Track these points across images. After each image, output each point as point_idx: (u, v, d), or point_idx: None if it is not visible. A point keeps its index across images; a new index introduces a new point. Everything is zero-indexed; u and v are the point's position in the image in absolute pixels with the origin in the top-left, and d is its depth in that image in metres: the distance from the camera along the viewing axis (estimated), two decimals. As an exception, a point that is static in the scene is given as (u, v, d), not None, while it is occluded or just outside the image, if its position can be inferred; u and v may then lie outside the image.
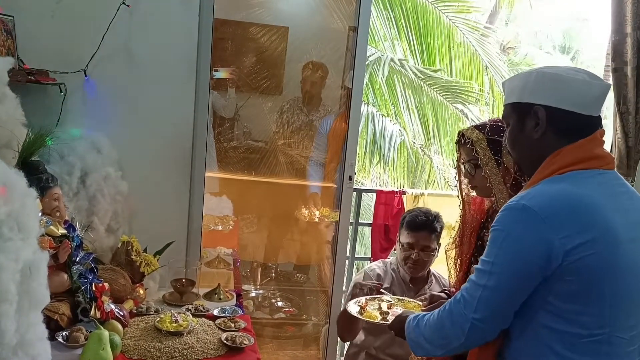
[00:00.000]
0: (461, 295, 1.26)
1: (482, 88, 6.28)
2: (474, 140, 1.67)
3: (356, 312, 1.86)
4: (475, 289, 1.23)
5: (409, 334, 1.41)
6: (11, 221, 1.17)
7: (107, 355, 1.55)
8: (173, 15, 2.29)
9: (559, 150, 1.25)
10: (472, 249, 1.79)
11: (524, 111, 1.29)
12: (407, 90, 5.89)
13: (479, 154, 1.65)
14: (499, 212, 1.24)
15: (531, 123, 1.28)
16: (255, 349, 1.82)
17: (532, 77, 1.28)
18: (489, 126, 1.68)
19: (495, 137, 1.65)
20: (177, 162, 2.41)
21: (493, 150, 1.65)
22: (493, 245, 1.22)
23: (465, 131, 1.71)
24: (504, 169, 1.64)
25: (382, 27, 5.97)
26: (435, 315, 1.32)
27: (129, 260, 2.09)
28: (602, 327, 1.17)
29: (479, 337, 1.25)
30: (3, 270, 1.12)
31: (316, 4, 3.65)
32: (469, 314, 1.22)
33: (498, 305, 1.22)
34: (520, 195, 1.22)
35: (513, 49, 9.74)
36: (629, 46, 2.36)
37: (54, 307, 1.66)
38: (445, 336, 1.29)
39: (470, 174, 1.72)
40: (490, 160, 1.65)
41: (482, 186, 1.69)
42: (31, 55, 2.13)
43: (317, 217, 3.39)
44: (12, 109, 1.75)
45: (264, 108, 3.79)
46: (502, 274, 1.20)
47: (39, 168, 1.78)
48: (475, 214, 1.82)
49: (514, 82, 1.33)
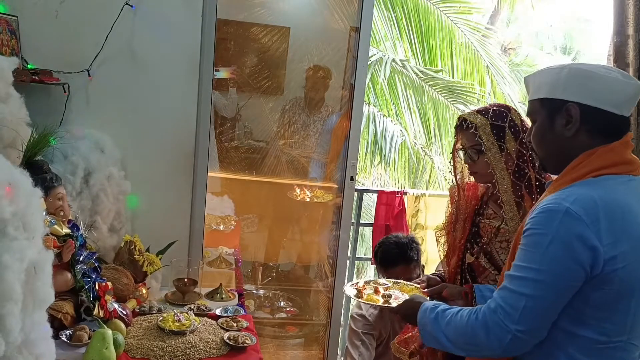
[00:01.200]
0: (497, 305, 1.19)
1: (484, 89, 6.29)
2: (478, 125, 1.63)
3: (353, 295, 1.81)
4: (518, 299, 1.15)
5: (425, 325, 1.35)
6: (17, 220, 1.17)
7: (110, 354, 1.55)
8: (176, 16, 2.29)
9: (592, 150, 1.22)
10: (467, 234, 1.77)
11: (555, 108, 1.24)
12: (409, 90, 5.89)
13: (482, 139, 1.62)
14: (534, 213, 1.19)
15: (562, 121, 1.24)
16: (257, 348, 1.83)
17: (563, 73, 1.23)
18: (492, 111, 1.66)
19: (498, 122, 1.63)
20: (180, 162, 2.42)
21: (496, 136, 1.63)
22: (535, 250, 1.15)
23: (468, 116, 1.67)
24: (507, 155, 1.62)
25: (383, 28, 5.98)
26: (464, 319, 1.25)
27: (132, 259, 2.09)
28: (621, 335, 1.17)
29: (519, 349, 1.19)
30: (8, 269, 1.12)
31: (318, 5, 3.66)
32: (510, 325, 1.15)
33: (544, 314, 1.16)
34: (558, 197, 1.17)
35: (514, 49, 9.74)
36: (631, 48, 2.36)
37: (58, 306, 1.67)
38: (476, 344, 1.22)
39: (472, 159, 1.68)
40: (494, 145, 1.62)
41: (483, 172, 1.67)
42: (35, 55, 2.14)
43: (309, 197, 3.39)
44: (17, 109, 1.75)
45: (265, 108, 3.80)
46: (550, 281, 1.14)
47: (43, 167, 1.79)
48: (470, 200, 1.80)
49: (541, 78, 1.29)
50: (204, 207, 2.50)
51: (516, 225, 1.62)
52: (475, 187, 1.83)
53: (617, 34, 2.41)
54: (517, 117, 1.67)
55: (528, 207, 1.62)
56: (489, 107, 1.68)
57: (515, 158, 1.62)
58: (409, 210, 3.53)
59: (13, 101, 1.75)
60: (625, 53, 2.38)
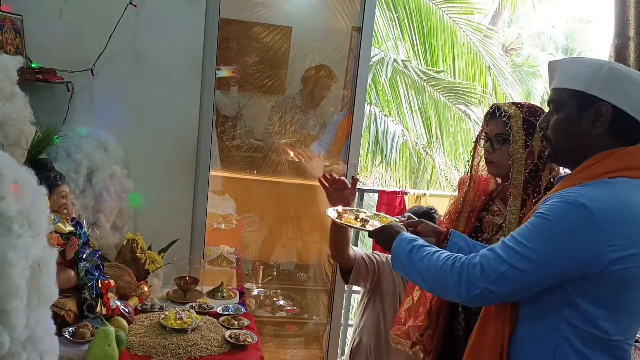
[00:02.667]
0: (479, 262, 1.23)
1: (485, 89, 6.29)
2: (512, 115, 1.65)
3: (334, 216, 1.80)
4: (500, 263, 1.20)
5: (398, 252, 1.41)
6: (21, 218, 1.18)
7: (113, 351, 1.56)
8: (179, 16, 2.30)
9: (609, 151, 1.22)
10: (470, 228, 1.78)
11: (587, 103, 1.23)
12: (410, 90, 5.90)
13: (512, 129, 1.64)
14: (550, 200, 1.20)
15: (590, 117, 1.23)
16: (258, 346, 1.83)
17: (603, 70, 1.21)
18: (527, 107, 1.67)
19: (531, 118, 1.64)
20: (182, 160, 2.43)
21: (525, 131, 1.63)
22: (538, 232, 1.18)
23: (503, 105, 1.69)
24: (530, 152, 1.63)
25: (385, 28, 5.98)
26: (439, 261, 1.30)
27: (134, 257, 2.10)
28: (619, 334, 1.19)
29: (482, 303, 1.28)
30: (14, 266, 1.13)
31: (320, 4, 3.66)
32: (482, 283, 1.21)
33: (520, 286, 1.20)
34: (577, 191, 1.18)
35: (515, 50, 9.74)
36: (632, 50, 2.37)
37: (61, 303, 1.68)
38: (445, 286, 1.29)
39: (494, 147, 1.69)
40: (521, 139, 1.63)
41: (500, 163, 1.68)
42: (39, 54, 2.15)
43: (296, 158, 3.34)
44: (21, 108, 1.76)
45: (266, 107, 3.81)
46: (541, 263, 1.17)
47: (47, 166, 1.80)
48: (480, 195, 1.81)
49: (577, 69, 1.26)
50: (205, 205, 2.52)
51: (515, 220, 1.64)
52: (487, 183, 1.83)
53: (618, 35, 2.42)
54: None
55: (530, 206, 1.63)
56: (524, 103, 1.70)
57: (536, 158, 1.63)
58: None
59: (18, 100, 1.76)
60: (626, 55, 2.39)
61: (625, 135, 1.23)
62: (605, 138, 1.23)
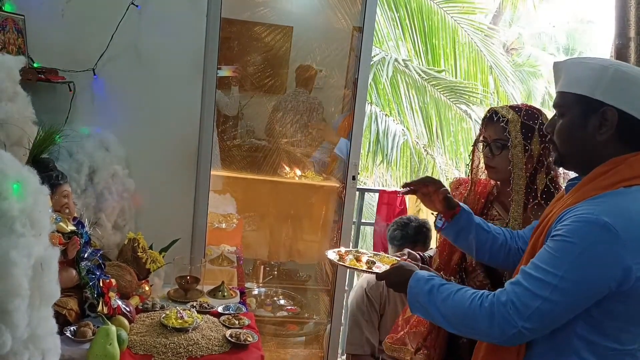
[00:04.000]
0: (509, 299, 1.16)
1: (487, 89, 6.29)
2: (510, 120, 1.63)
3: (335, 259, 1.78)
4: (533, 298, 1.14)
5: (417, 295, 1.32)
6: (24, 218, 1.19)
7: (114, 350, 1.57)
8: (181, 16, 2.31)
9: (622, 158, 1.19)
10: None
11: (592, 108, 1.19)
12: (411, 90, 5.90)
13: (511, 134, 1.62)
14: (567, 218, 1.15)
15: (596, 122, 1.19)
16: (259, 346, 1.84)
17: (608, 73, 1.17)
18: (525, 110, 1.65)
19: (530, 122, 1.63)
20: (183, 160, 2.44)
21: (524, 135, 1.62)
22: (564, 258, 1.13)
23: (500, 109, 1.67)
24: (529, 156, 1.62)
25: (386, 27, 5.99)
26: (465, 301, 1.23)
27: (135, 257, 2.11)
28: (634, 343, 1.18)
29: (519, 342, 1.20)
30: (16, 265, 1.13)
31: (321, 4, 3.67)
32: (518, 322, 1.14)
33: (556, 318, 1.15)
34: (595, 208, 1.13)
35: (516, 50, 9.74)
36: (632, 50, 2.37)
37: (63, 302, 1.68)
38: (475, 328, 1.21)
39: (493, 153, 1.67)
40: (520, 144, 1.62)
41: (500, 168, 1.67)
42: (41, 54, 2.16)
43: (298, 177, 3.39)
44: (24, 107, 1.77)
45: (267, 107, 3.82)
46: (571, 290, 1.12)
47: (49, 165, 1.81)
48: (480, 198, 1.79)
49: (581, 71, 1.22)
50: (206, 205, 2.53)
51: (518, 226, 1.62)
52: (485, 186, 1.82)
53: (619, 36, 2.42)
54: (546, 121, 1.64)
55: (530, 210, 1.64)
56: (521, 105, 1.68)
57: (535, 162, 1.62)
58: (410, 209, 3.54)
59: (20, 100, 1.77)
60: (627, 55, 2.39)
61: (632, 140, 1.19)
62: (612, 143, 1.20)
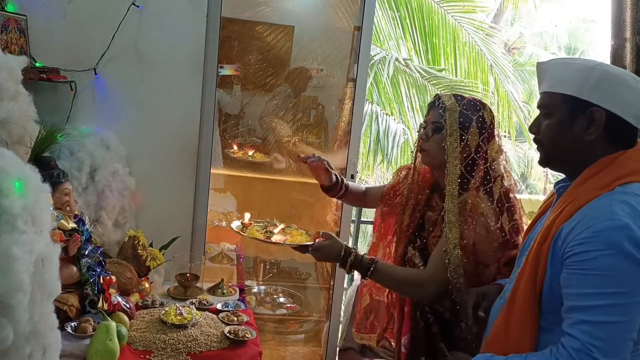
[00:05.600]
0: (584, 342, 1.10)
1: (487, 88, 6.30)
2: (447, 107, 1.66)
3: (239, 229, 1.86)
4: (605, 329, 1.09)
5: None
6: (26, 215, 1.21)
7: (114, 345, 1.59)
8: (181, 15, 2.33)
9: (612, 157, 1.19)
10: (415, 225, 1.78)
11: (579, 109, 1.20)
12: (412, 89, 5.91)
13: (446, 122, 1.64)
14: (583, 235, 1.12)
15: (583, 123, 1.20)
16: (257, 342, 1.86)
17: (595, 73, 1.18)
18: (467, 100, 1.68)
19: (468, 112, 1.66)
20: (184, 159, 2.46)
21: (461, 125, 1.64)
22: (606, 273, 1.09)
23: (443, 95, 1.71)
24: (465, 146, 1.64)
25: (387, 27, 5.99)
26: None
27: (135, 254, 2.13)
28: None
29: None
30: (18, 261, 1.16)
31: (322, 3, 3.68)
32: (601, 358, 1.08)
33: (630, 337, 1.11)
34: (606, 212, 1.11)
35: (518, 49, 9.73)
36: (628, 51, 2.38)
37: (63, 298, 1.70)
38: None
39: (427, 135, 1.70)
40: (455, 132, 1.64)
41: (431, 152, 1.70)
42: (43, 54, 2.18)
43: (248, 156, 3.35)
44: (25, 106, 1.80)
45: (268, 106, 3.83)
46: (630, 301, 1.09)
47: (51, 164, 1.83)
48: (424, 187, 1.81)
49: (568, 72, 1.22)
50: (206, 203, 2.55)
51: (453, 217, 1.62)
52: (431, 176, 1.84)
53: (615, 37, 2.42)
54: (489, 115, 1.69)
55: (472, 202, 1.63)
56: (466, 97, 1.71)
57: (473, 152, 1.64)
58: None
59: (22, 99, 1.79)
60: (623, 56, 2.39)
61: (619, 139, 1.22)
62: (599, 143, 1.21)
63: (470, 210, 1.62)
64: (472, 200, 1.63)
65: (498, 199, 1.65)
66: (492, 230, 1.62)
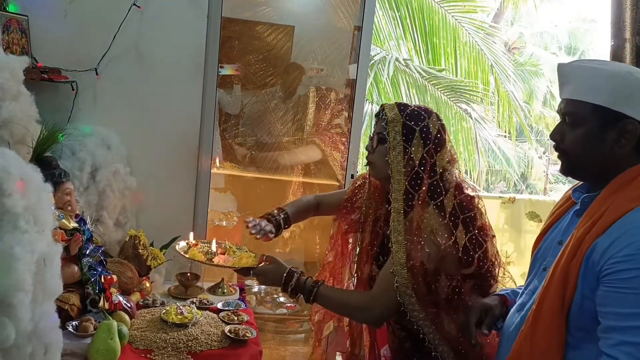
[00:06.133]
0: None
1: (487, 87, 6.30)
2: (389, 120, 1.56)
3: (182, 249, 1.81)
4: None
5: None
6: (28, 214, 1.22)
7: (115, 344, 1.60)
8: (182, 16, 2.34)
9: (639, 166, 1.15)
10: (379, 243, 1.68)
11: (611, 120, 1.13)
12: (412, 89, 5.92)
13: (389, 135, 1.56)
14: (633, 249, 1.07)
15: (614, 135, 1.14)
16: (257, 341, 1.86)
17: (627, 82, 1.12)
18: (410, 110, 1.58)
19: (411, 123, 1.55)
20: (184, 158, 2.47)
21: (405, 137, 1.55)
22: None
23: (387, 106, 1.61)
24: (409, 159, 1.55)
25: (387, 27, 6.00)
26: None
27: (136, 253, 2.14)
28: None
29: None
30: (20, 261, 1.16)
31: (322, 3, 3.68)
32: None
33: None
34: None
35: (518, 49, 9.74)
36: (628, 52, 2.38)
37: (65, 297, 1.71)
38: None
39: (372, 147, 1.62)
40: (399, 145, 1.55)
41: (377, 164, 1.61)
42: (44, 54, 2.19)
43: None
44: (27, 106, 1.80)
45: (269, 105, 3.83)
46: None
47: (52, 163, 1.84)
48: (382, 200, 1.70)
49: (597, 78, 1.15)
50: (207, 203, 2.56)
51: (400, 235, 1.54)
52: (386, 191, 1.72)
53: (614, 37, 2.43)
54: (434, 124, 1.58)
55: (417, 219, 1.53)
56: (413, 106, 1.61)
57: (416, 165, 1.55)
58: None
59: (24, 99, 1.80)
60: (622, 57, 2.40)
61: None
62: (627, 154, 1.16)
63: (416, 229, 1.52)
64: (417, 218, 1.53)
65: (451, 213, 1.54)
66: (443, 248, 1.51)
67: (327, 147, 3.45)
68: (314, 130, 3.52)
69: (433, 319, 1.53)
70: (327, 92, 3.55)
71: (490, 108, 7.08)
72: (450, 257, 1.52)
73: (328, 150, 3.43)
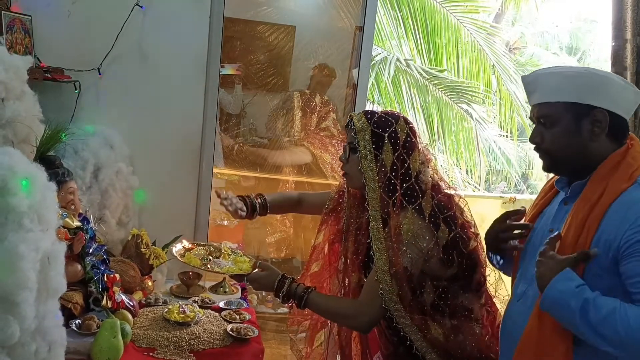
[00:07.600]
0: None
1: (489, 88, 6.30)
2: (358, 129, 1.57)
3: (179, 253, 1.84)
4: None
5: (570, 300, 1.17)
6: (32, 213, 1.23)
7: (118, 343, 1.61)
8: (185, 16, 2.35)
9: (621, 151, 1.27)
10: (364, 251, 1.66)
11: (582, 113, 1.26)
12: (413, 89, 5.92)
13: (359, 144, 1.56)
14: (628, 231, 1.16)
15: (588, 126, 1.26)
16: (259, 340, 1.88)
17: (585, 77, 1.26)
18: (377, 117, 1.58)
19: (379, 130, 1.56)
20: (186, 158, 2.48)
21: (375, 144, 1.55)
22: None
23: (355, 116, 1.61)
24: (381, 166, 1.55)
25: (389, 26, 6.00)
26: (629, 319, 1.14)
27: (139, 252, 2.15)
28: None
29: None
30: (24, 259, 1.18)
31: (324, 3, 3.69)
32: None
33: None
34: None
35: (519, 49, 9.74)
36: (629, 52, 2.39)
37: (68, 296, 1.72)
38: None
39: (346, 157, 1.62)
40: (370, 153, 1.55)
41: (352, 174, 1.62)
42: (47, 54, 2.20)
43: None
44: (31, 106, 1.81)
45: (270, 105, 3.84)
46: None
47: (56, 162, 1.85)
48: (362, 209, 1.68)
49: (561, 79, 1.28)
50: (209, 202, 2.56)
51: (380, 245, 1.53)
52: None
53: (615, 38, 2.44)
54: (402, 129, 1.58)
55: (396, 225, 1.53)
56: (380, 112, 1.61)
57: (389, 171, 1.54)
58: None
59: (27, 98, 1.81)
60: (623, 57, 2.41)
61: (617, 134, 1.29)
62: (602, 142, 1.28)
63: (397, 235, 1.52)
64: (395, 224, 1.52)
65: (431, 214, 1.54)
66: (426, 251, 1.51)
67: (316, 149, 3.47)
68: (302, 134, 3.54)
69: (420, 325, 1.53)
70: (311, 96, 3.57)
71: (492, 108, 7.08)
72: (435, 259, 1.53)
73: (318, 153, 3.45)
